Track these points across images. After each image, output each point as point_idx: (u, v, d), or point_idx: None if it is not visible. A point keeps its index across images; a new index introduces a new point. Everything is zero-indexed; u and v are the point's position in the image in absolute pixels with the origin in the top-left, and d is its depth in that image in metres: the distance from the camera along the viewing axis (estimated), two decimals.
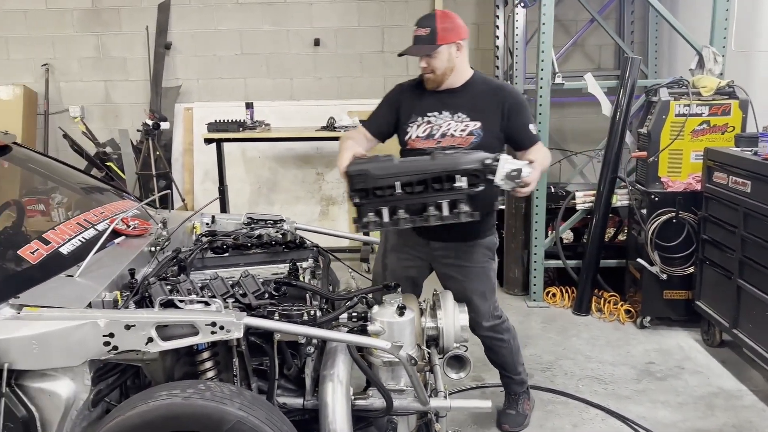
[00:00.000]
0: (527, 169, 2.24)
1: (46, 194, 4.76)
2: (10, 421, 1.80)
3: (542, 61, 4.21)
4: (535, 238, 4.43)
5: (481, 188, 2.25)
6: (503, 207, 4.66)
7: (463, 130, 2.55)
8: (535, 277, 4.49)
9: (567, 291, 4.49)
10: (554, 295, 4.52)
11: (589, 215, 4.41)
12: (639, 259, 4.00)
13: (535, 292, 4.50)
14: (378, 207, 2.27)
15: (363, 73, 6.05)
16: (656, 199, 3.91)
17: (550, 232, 4.55)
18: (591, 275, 4.30)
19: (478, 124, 2.55)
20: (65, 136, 5.90)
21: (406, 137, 2.62)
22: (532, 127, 2.60)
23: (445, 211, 2.25)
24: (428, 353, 2.31)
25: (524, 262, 4.64)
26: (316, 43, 5.96)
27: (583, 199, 4.45)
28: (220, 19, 6.03)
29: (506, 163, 2.22)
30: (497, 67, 5.71)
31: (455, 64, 2.55)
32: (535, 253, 4.45)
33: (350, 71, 6.04)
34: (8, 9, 6.02)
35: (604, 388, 3.35)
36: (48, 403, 1.86)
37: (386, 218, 2.28)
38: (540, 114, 4.25)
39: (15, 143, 2.90)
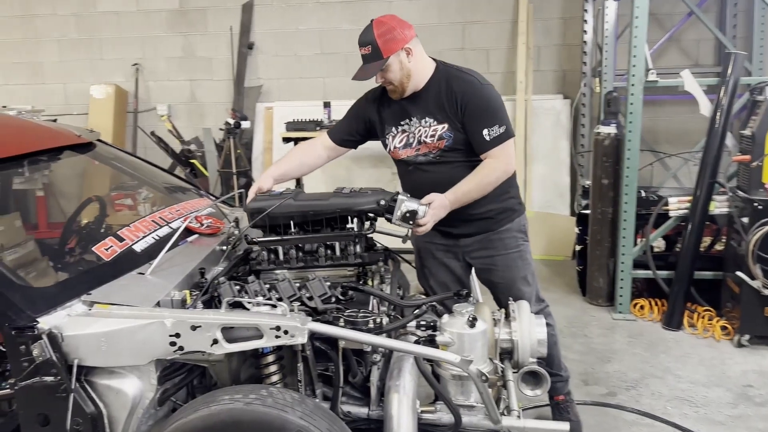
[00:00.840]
0: (422, 210, 2.27)
1: (134, 189, 4.94)
2: (79, 417, 1.81)
3: (634, 56, 3.96)
4: (623, 246, 4.18)
5: (371, 231, 2.33)
6: (588, 212, 4.42)
7: (432, 136, 2.45)
8: (621, 288, 4.23)
9: (656, 303, 4.21)
10: (642, 307, 4.24)
11: (683, 222, 4.12)
12: (738, 272, 3.68)
13: (621, 304, 4.25)
14: (272, 246, 2.31)
15: None
16: (759, 207, 3.60)
17: (639, 240, 4.28)
18: (684, 287, 4.01)
19: (445, 125, 2.44)
20: (153, 133, 6.12)
21: (388, 149, 2.60)
22: (486, 132, 2.38)
23: (337, 252, 2.31)
24: (501, 368, 2.17)
25: (610, 271, 4.38)
26: None
27: (678, 205, 4.16)
28: (300, 18, 6.07)
29: (402, 204, 2.26)
30: (584, 64, 5.45)
31: (410, 70, 2.42)
32: (623, 262, 4.20)
33: None
34: (102, 11, 6.31)
35: (695, 411, 3.08)
36: (115, 401, 1.86)
37: (281, 257, 2.33)
38: (631, 113, 4.00)
39: (98, 140, 2.98)
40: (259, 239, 2.34)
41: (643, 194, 4.37)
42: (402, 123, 2.52)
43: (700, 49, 5.61)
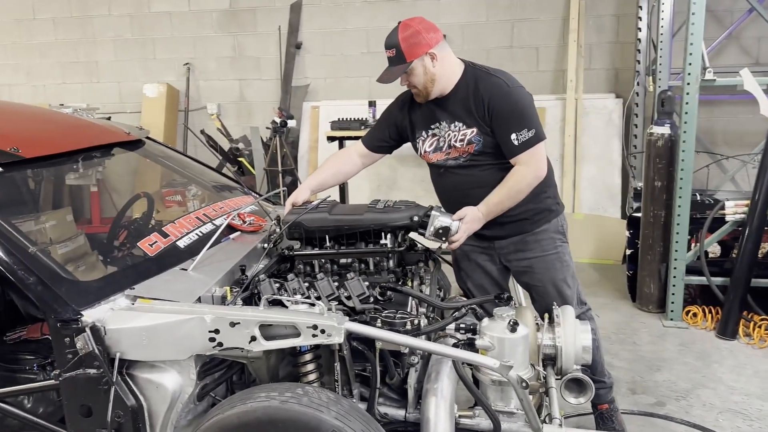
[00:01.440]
0: (455, 226, 2.27)
1: (182, 186, 5.05)
2: (120, 409, 1.84)
3: (690, 54, 3.82)
4: (676, 251, 4.03)
5: (403, 248, 2.32)
6: (640, 215, 4.28)
7: (462, 140, 2.41)
8: (673, 294, 4.08)
9: (710, 311, 4.05)
10: (695, 314, 4.08)
11: (740, 227, 3.94)
12: None
13: (672, 311, 4.10)
14: (309, 260, 2.32)
15: None
16: None
17: (693, 245, 4.12)
18: (740, 295, 3.84)
19: (474, 129, 2.38)
20: (202, 132, 6.24)
21: (419, 152, 2.57)
22: (515, 137, 2.31)
23: (371, 267, 2.33)
24: (544, 374, 2.11)
25: (662, 276, 4.23)
26: None
27: (734, 210, 3.98)
28: (348, 18, 6.09)
29: (435, 219, 2.26)
30: (638, 62, 5.29)
31: (434, 74, 2.36)
32: (675, 268, 4.05)
33: None
34: (155, 12, 6.47)
35: (749, 425, 2.95)
36: (155, 395, 1.89)
37: (317, 270, 2.34)
38: (686, 113, 3.86)
39: (147, 138, 3.04)
40: (295, 252, 2.37)
41: (698, 197, 4.22)
42: (432, 126, 2.49)
43: (761, 47, 5.37)
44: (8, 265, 1.86)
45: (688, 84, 3.85)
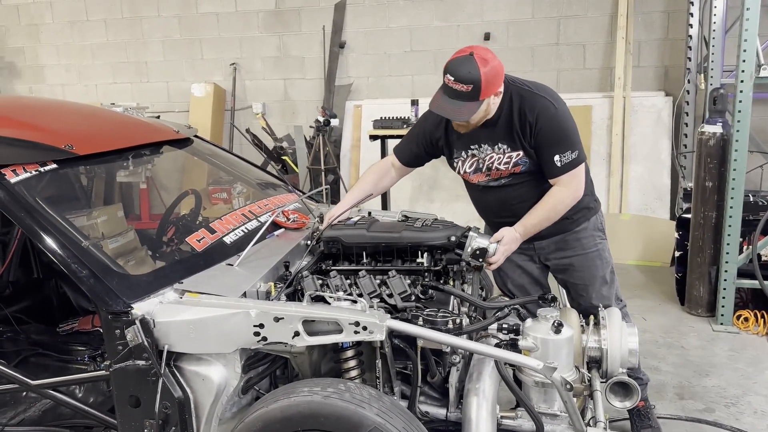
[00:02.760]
0: (492, 248, 2.24)
1: (229, 184, 5.14)
2: (167, 400, 1.88)
3: (744, 51, 3.69)
4: (727, 253, 3.91)
5: (439, 267, 2.28)
6: (689, 216, 4.17)
7: (507, 163, 2.36)
8: (724, 298, 3.96)
9: (763, 316, 3.91)
10: (746, 319, 3.95)
11: None
12: None
13: (723, 315, 3.98)
14: (346, 275, 2.26)
15: (534, 68, 5.78)
16: None
17: (745, 247, 3.99)
18: None
19: (520, 153, 2.33)
20: (248, 131, 6.34)
21: (457, 171, 2.53)
22: (558, 158, 2.27)
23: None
24: (589, 377, 2.07)
25: (712, 279, 4.11)
26: (486, 37, 5.80)
27: None
28: (391, 17, 6.09)
29: (473, 240, 2.24)
30: (689, 59, 5.14)
31: (491, 109, 2.29)
32: (726, 271, 3.92)
33: (520, 65, 5.80)
34: (203, 12, 6.60)
35: None
36: (201, 387, 1.93)
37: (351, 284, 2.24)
38: (739, 111, 3.73)
39: (195, 137, 3.11)
40: (332, 267, 2.36)
41: (751, 198, 4.08)
42: (472, 147, 2.43)
43: None
44: (62, 259, 1.93)
45: (742, 81, 3.73)
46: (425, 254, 2.29)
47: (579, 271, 2.53)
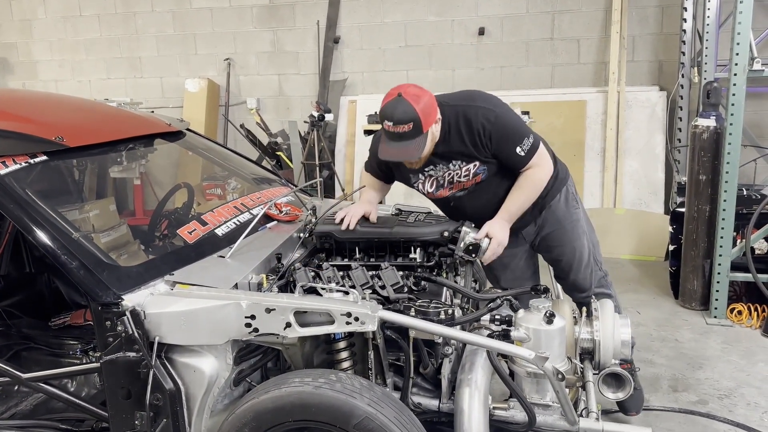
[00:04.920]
0: (485, 243, 2.28)
1: (224, 180, 5.13)
2: (158, 392, 1.88)
3: (738, 44, 3.69)
4: (720, 247, 3.91)
5: (432, 262, 2.28)
6: (683, 210, 4.17)
7: (467, 175, 2.40)
8: (717, 291, 3.96)
9: (756, 309, 3.92)
10: (740, 312, 3.96)
11: None
12: None
13: (716, 308, 3.98)
14: (338, 269, 2.24)
15: (528, 62, 5.77)
16: None
17: (738, 241, 4.00)
18: None
19: (476, 163, 2.36)
20: (242, 126, 6.32)
21: (420, 192, 2.55)
22: (519, 150, 2.30)
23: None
24: (581, 368, 2.07)
25: (705, 273, 4.11)
26: (481, 32, 5.78)
27: None
28: (386, 11, 6.07)
29: (466, 236, 2.27)
30: (683, 53, 5.14)
31: (436, 136, 2.31)
32: (720, 264, 3.93)
33: (515, 60, 5.80)
34: (197, 8, 6.57)
35: None
36: (193, 378, 1.92)
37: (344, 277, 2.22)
38: (732, 104, 3.73)
39: (188, 130, 3.09)
40: (326, 263, 2.35)
41: (745, 192, 4.09)
42: (427, 170, 2.44)
43: None
44: (52, 250, 1.92)
45: (735, 75, 3.73)
46: (418, 249, 2.29)
47: (564, 246, 2.58)
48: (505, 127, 2.32)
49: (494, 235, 2.30)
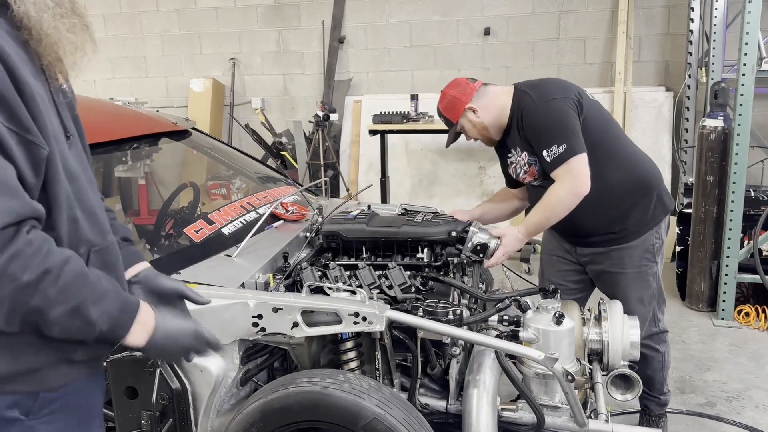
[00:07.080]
0: (493, 244, 2.26)
1: (228, 179, 5.12)
2: (165, 392, 1.86)
3: (746, 44, 3.68)
4: (728, 248, 3.89)
5: (440, 262, 2.26)
6: (690, 211, 4.15)
7: (524, 165, 2.42)
8: (725, 293, 3.94)
9: (763, 311, 3.90)
10: (747, 314, 3.94)
11: None
12: None
13: (723, 310, 3.96)
14: (345, 269, 2.23)
15: (534, 62, 5.76)
16: None
17: (746, 242, 3.98)
18: None
19: (526, 153, 2.39)
20: (247, 126, 6.31)
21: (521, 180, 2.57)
22: (546, 153, 2.24)
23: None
24: (590, 369, 2.06)
25: (712, 274, 4.10)
26: (486, 32, 5.77)
27: None
28: (391, 11, 6.07)
29: (474, 236, 2.26)
30: (690, 54, 5.12)
31: (482, 123, 2.44)
32: (727, 265, 3.91)
33: (520, 60, 5.78)
34: (202, 7, 6.57)
35: None
36: (199, 378, 1.90)
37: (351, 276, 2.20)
38: (740, 105, 3.72)
39: (194, 129, 3.08)
40: (333, 262, 2.33)
41: (752, 193, 4.06)
42: (509, 156, 2.51)
43: None
44: None
45: (743, 75, 3.71)
46: (425, 249, 2.27)
47: (614, 287, 2.48)
48: (538, 122, 2.28)
49: (504, 242, 2.27)
